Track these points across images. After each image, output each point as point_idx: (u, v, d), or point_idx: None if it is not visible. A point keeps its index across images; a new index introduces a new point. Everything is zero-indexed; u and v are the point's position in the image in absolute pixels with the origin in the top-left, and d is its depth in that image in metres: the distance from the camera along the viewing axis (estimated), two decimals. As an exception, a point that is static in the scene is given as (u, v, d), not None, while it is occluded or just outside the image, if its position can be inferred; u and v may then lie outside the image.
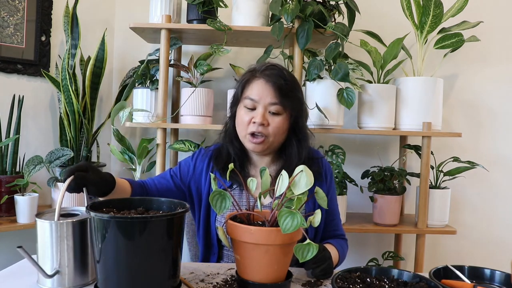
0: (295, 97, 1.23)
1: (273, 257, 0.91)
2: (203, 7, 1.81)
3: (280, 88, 1.18)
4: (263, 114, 1.18)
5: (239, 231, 0.91)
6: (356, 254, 2.20)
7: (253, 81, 1.22)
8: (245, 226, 0.91)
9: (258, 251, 0.90)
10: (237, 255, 0.95)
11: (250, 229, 0.89)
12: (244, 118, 1.20)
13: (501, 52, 2.15)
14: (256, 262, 0.92)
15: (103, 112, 2.18)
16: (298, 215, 0.84)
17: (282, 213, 0.86)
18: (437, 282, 0.93)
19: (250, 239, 0.90)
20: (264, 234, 0.90)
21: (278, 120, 1.20)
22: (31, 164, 1.75)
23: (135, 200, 1.02)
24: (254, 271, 0.93)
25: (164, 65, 1.82)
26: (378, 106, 1.84)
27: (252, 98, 1.20)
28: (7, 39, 1.83)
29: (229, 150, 1.28)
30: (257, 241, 0.89)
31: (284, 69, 1.24)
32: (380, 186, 1.89)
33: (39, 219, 0.96)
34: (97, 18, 2.15)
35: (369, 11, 2.06)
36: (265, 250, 0.90)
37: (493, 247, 2.19)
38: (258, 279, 0.92)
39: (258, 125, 1.18)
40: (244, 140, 1.23)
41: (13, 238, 1.81)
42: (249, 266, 0.93)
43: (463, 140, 2.14)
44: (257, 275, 0.93)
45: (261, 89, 1.20)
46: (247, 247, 0.91)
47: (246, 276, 0.94)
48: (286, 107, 1.20)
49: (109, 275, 0.88)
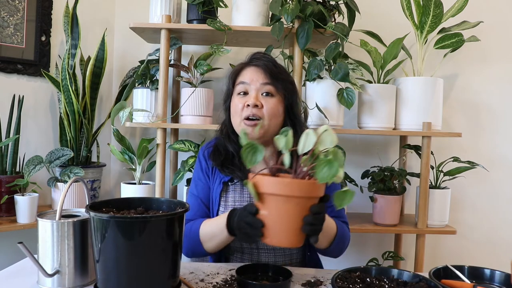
0: (287, 80, 1.25)
1: (301, 211, 0.89)
2: (203, 7, 1.81)
3: (270, 70, 1.21)
4: (256, 95, 1.20)
5: (271, 183, 0.87)
6: (356, 254, 2.20)
7: (243, 69, 1.25)
8: (278, 178, 0.88)
9: (289, 204, 0.88)
10: (265, 211, 0.90)
11: (284, 181, 0.86)
12: (238, 105, 1.21)
13: (501, 52, 2.15)
14: (285, 218, 0.89)
15: (103, 112, 2.18)
16: (336, 164, 0.84)
17: (321, 163, 0.85)
18: (437, 282, 0.93)
19: (284, 191, 0.86)
20: (299, 185, 0.87)
21: (271, 101, 1.20)
22: (31, 164, 1.75)
23: (134, 200, 1.02)
24: (282, 229, 0.89)
25: (164, 65, 1.82)
26: (378, 106, 1.84)
27: (243, 81, 1.22)
28: (7, 39, 1.83)
29: (226, 145, 1.28)
30: (291, 192, 0.87)
31: (273, 58, 1.27)
32: (380, 186, 1.89)
33: (41, 219, 0.96)
34: (97, 18, 2.15)
35: (369, 11, 2.06)
36: (295, 203, 0.88)
37: (493, 247, 2.19)
38: (284, 240, 0.90)
39: (252, 108, 1.18)
40: (240, 127, 1.22)
41: (13, 238, 1.80)
42: (277, 223, 0.89)
43: (463, 140, 2.14)
44: (283, 234, 0.90)
45: (252, 73, 1.22)
46: (279, 200, 0.88)
47: (271, 240, 0.90)
48: (278, 88, 1.21)
49: (108, 275, 0.88)
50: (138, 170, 1.88)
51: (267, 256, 1.25)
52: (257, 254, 1.25)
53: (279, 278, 1.05)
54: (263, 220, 0.90)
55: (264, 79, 1.21)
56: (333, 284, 0.92)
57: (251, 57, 1.26)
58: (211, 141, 1.35)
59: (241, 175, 1.23)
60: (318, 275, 1.12)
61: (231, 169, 1.24)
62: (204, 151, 1.33)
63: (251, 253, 1.26)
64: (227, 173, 1.25)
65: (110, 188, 2.26)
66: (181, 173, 1.87)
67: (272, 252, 1.25)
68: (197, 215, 1.26)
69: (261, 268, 1.08)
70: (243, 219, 0.94)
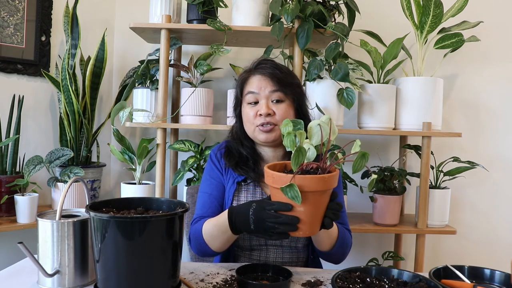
0: (294, 83, 1.27)
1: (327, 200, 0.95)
2: (203, 7, 1.81)
3: (277, 77, 1.23)
4: (267, 104, 1.22)
5: (314, 182, 0.90)
6: (356, 254, 2.20)
7: (250, 78, 1.27)
8: (319, 176, 0.91)
9: (323, 196, 0.93)
10: (301, 207, 0.91)
11: (324, 177, 0.90)
12: (250, 114, 1.24)
13: (501, 52, 2.15)
14: (319, 209, 0.94)
15: (103, 112, 2.18)
16: (367, 155, 0.90)
17: (359, 156, 0.90)
18: (437, 282, 0.93)
19: (323, 187, 0.91)
20: (334, 178, 0.92)
21: (282, 107, 1.23)
22: (31, 164, 1.75)
23: (134, 200, 1.02)
24: (314, 220, 0.94)
25: (164, 65, 1.82)
26: (378, 106, 1.84)
27: (252, 91, 1.23)
28: (7, 39, 1.83)
29: (240, 149, 1.30)
30: (327, 186, 0.91)
31: (277, 62, 1.28)
32: (380, 186, 1.89)
33: (41, 219, 0.96)
34: (97, 18, 2.15)
35: (369, 11, 2.06)
36: (327, 194, 0.94)
37: (493, 247, 2.19)
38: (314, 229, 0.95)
39: (264, 116, 1.21)
40: (255, 134, 1.25)
41: (13, 238, 1.81)
42: (311, 216, 0.93)
43: (463, 140, 2.14)
44: (314, 224, 0.94)
45: (259, 82, 1.24)
46: (316, 195, 0.91)
47: (304, 233, 0.94)
48: (287, 94, 1.23)
49: (108, 275, 0.88)
50: (138, 170, 1.87)
51: (275, 253, 1.26)
52: (265, 251, 1.26)
53: (279, 278, 1.05)
54: (298, 215, 0.92)
55: (273, 87, 1.22)
56: (333, 284, 0.92)
57: (256, 65, 1.27)
58: (222, 144, 1.37)
59: (254, 176, 1.26)
60: (318, 275, 1.12)
61: (245, 170, 1.27)
62: (216, 152, 1.35)
63: (259, 250, 1.27)
64: (242, 173, 1.27)
65: (110, 188, 2.26)
66: (181, 173, 1.87)
67: (280, 249, 1.27)
68: (209, 212, 1.26)
69: (261, 268, 1.08)
70: (274, 220, 0.93)
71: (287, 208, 0.91)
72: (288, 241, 1.26)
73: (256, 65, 1.27)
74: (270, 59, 1.31)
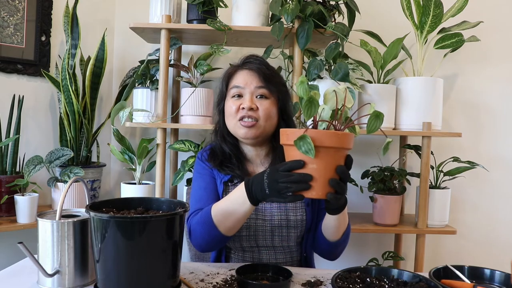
0: (279, 82, 1.27)
1: (339, 162, 0.93)
2: (203, 7, 1.81)
3: (264, 73, 1.23)
4: (251, 98, 1.22)
5: (328, 136, 0.89)
6: (356, 254, 2.20)
7: (236, 72, 1.27)
8: (334, 131, 0.91)
9: (337, 155, 0.92)
10: (314, 164, 0.90)
11: (339, 133, 0.90)
12: (232, 107, 1.23)
13: (501, 52, 2.15)
14: (330, 169, 0.91)
15: (103, 112, 2.18)
16: (382, 116, 0.93)
17: (372, 116, 0.93)
18: (437, 282, 0.93)
19: (337, 143, 0.90)
20: (349, 137, 0.92)
21: (266, 103, 1.22)
22: (31, 164, 1.75)
23: (134, 200, 1.02)
24: (324, 181, 0.91)
25: (164, 65, 1.82)
26: (378, 106, 1.84)
27: (238, 85, 1.23)
28: (7, 39, 1.83)
29: (222, 147, 1.29)
30: (341, 144, 0.90)
31: (265, 60, 1.29)
32: (380, 186, 1.89)
33: (41, 219, 0.96)
34: (97, 18, 2.15)
35: (369, 11, 2.06)
36: (342, 154, 0.93)
37: (493, 247, 2.19)
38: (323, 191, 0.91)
39: (247, 110, 1.20)
40: (235, 128, 1.23)
41: (13, 238, 1.81)
42: (323, 176, 0.91)
43: (463, 140, 2.14)
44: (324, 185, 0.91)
45: (246, 76, 1.24)
46: (330, 152, 0.90)
47: (316, 193, 0.91)
48: (272, 91, 1.23)
49: (108, 275, 0.88)
50: (138, 170, 1.87)
51: (268, 254, 1.25)
52: (258, 253, 1.26)
53: (279, 278, 1.05)
54: (310, 173, 0.91)
55: (258, 82, 1.23)
56: (333, 284, 0.92)
57: (244, 60, 1.28)
58: (207, 146, 1.37)
59: (240, 174, 1.25)
60: (318, 275, 1.12)
61: (230, 168, 1.26)
62: (202, 153, 1.35)
63: (252, 251, 1.26)
64: (227, 171, 1.26)
65: (110, 188, 2.26)
66: (181, 173, 1.87)
67: (273, 250, 1.26)
68: (207, 204, 1.21)
69: (261, 268, 1.08)
70: (286, 179, 0.91)
71: (299, 165, 0.90)
72: (280, 241, 1.24)
73: (244, 60, 1.27)
74: (258, 55, 1.31)
